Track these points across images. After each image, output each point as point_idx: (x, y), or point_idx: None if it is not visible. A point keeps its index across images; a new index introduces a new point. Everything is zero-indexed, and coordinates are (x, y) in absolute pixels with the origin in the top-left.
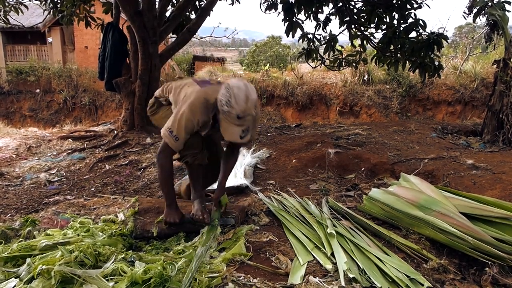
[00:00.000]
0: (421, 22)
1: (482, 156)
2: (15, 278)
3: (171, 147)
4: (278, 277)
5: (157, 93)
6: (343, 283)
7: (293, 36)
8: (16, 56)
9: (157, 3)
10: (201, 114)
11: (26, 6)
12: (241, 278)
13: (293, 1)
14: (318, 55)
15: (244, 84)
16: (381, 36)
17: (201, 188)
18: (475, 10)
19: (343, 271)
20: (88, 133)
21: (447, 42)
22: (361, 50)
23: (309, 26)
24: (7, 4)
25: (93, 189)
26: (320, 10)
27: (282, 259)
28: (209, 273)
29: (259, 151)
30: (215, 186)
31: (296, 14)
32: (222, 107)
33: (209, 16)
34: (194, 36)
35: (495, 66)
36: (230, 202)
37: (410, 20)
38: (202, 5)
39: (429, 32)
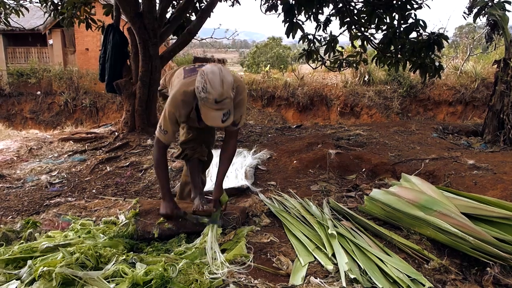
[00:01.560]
0: (421, 22)
1: (483, 156)
2: (16, 280)
3: (162, 140)
4: (279, 278)
5: (161, 83)
6: (344, 284)
7: (293, 37)
8: (17, 58)
9: (157, 5)
10: (182, 106)
11: (27, 9)
12: (242, 279)
13: (294, 2)
14: (319, 56)
15: (218, 68)
16: (381, 36)
17: (201, 184)
18: (475, 10)
19: (344, 271)
20: (89, 135)
21: (447, 42)
22: (362, 50)
23: (310, 27)
24: (7, 6)
25: (94, 190)
26: (320, 11)
27: (283, 260)
28: (210, 275)
29: (260, 152)
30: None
31: (297, 15)
32: (200, 94)
33: (210, 17)
34: (195, 37)
35: (496, 66)
36: (231, 203)
37: (411, 20)
38: (202, 7)
39: (430, 32)
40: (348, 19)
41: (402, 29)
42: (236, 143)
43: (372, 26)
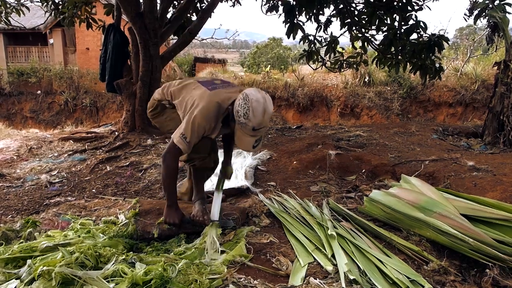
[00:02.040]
0: (422, 24)
1: (483, 158)
2: (16, 279)
3: (182, 149)
4: (278, 278)
5: (157, 96)
6: (343, 285)
7: (294, 38)
8: (17, 57)
9: (158, 5)
10: (213, 119)
11: (27, 8)
12: (241, 280)
13: (294, 3)
14: (319, 56)
15: (262, 97)
16: (382, 37)
17: (203, 189)
18: (475, 12)
19: (344, 272)
20: (89, 135)
21: (448, 44)
22: (362, 51)
23: (310, 27)
24: (8, 5)
25: (94, 190)
26: (321, 12)
27: (283, 260)
28: (209, 275)
29: (260, 153)
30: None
31: (297, 16)
32: (239, 118)
33: (210, 17)
34: (195, 37)
35: (496, 68)
36: (231, 203)
37: (411, 22)
38: (203, 7)
39: (430, 34)
40: (348, 20)
41: (402, 30)
42: None
43: (373, 27)
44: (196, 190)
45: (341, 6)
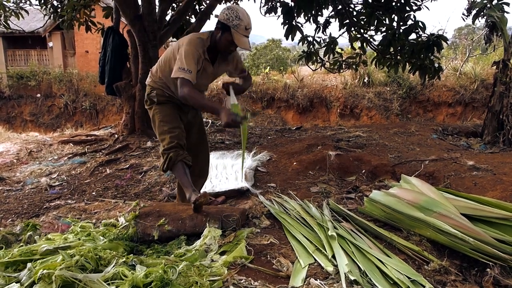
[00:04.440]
0: (420, 24)
1: (483, 157)
2: (16, 283)
3: (187, 78)
4: (279, 280)
5: (149, 80)
6: (344, 285)
7: (292, 39)
8: (16, 61)
9: (157, 7)
10: (199, 46)
11: (26, 11)
12: (242, 281)
13: (293, 4)
14: (318, 57)
15: (240, 6)
16: (380, 38)
17: (190, 183)
18: (474, 12)
19: (344, 273)
20: (89, 137)
21: (446, 43)
22: (361, 52)
23: (309, 29)
24: (7, 9)
25: (94, 193)
26: (319, 13)
27: (283, 261)
28: (210, 277)
29: (260, 154)
30: (216, 189)
31: (296, 17)
32: (233, 22)
33: (209, 20)
34: None
35: (495, 67)
36: (231, 205)
37: (410, 22)
38: (202, 9)
39: (429, 34)
40: (347, 20)
41: (401, 30)
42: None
43: (372, 27)
44: (184, 187)
45: (340, 7)
